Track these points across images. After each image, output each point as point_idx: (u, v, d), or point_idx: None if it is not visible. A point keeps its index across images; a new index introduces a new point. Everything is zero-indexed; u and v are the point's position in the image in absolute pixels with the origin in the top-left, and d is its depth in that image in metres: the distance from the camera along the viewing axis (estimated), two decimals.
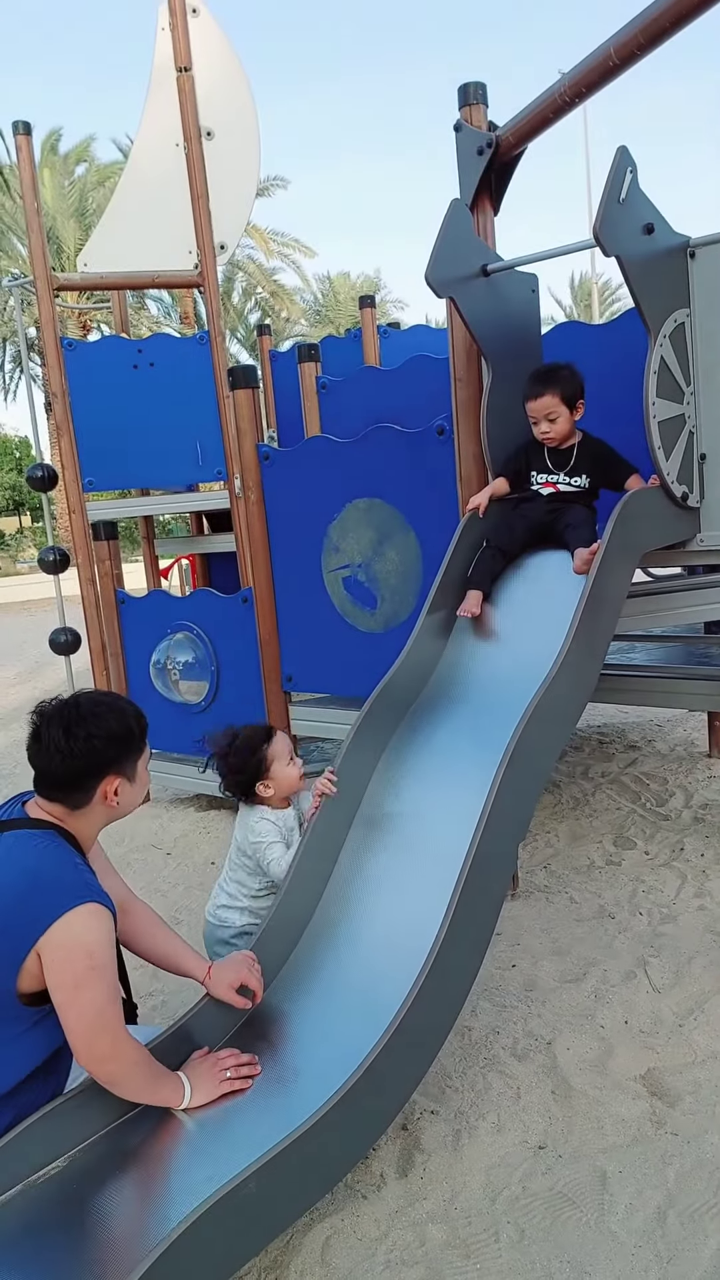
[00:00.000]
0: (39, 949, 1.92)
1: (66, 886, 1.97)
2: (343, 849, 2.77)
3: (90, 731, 2.04)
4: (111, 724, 2.07)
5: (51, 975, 1.93)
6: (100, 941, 1.96)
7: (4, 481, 41.45)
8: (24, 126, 6.52)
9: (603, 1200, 2.10)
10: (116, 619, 4.99)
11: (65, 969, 1.92)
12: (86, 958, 1.93)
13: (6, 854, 2.02)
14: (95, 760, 2.06)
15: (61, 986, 1.93)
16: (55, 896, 1.94)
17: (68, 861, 2.03)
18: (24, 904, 1.94)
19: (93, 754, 2.05)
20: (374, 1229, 2.07)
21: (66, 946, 1.92)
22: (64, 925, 1.92)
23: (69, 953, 1.92)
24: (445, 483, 3.51)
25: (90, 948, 1.94)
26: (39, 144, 24.40)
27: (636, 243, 2.84)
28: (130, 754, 2.13)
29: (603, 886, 3.59)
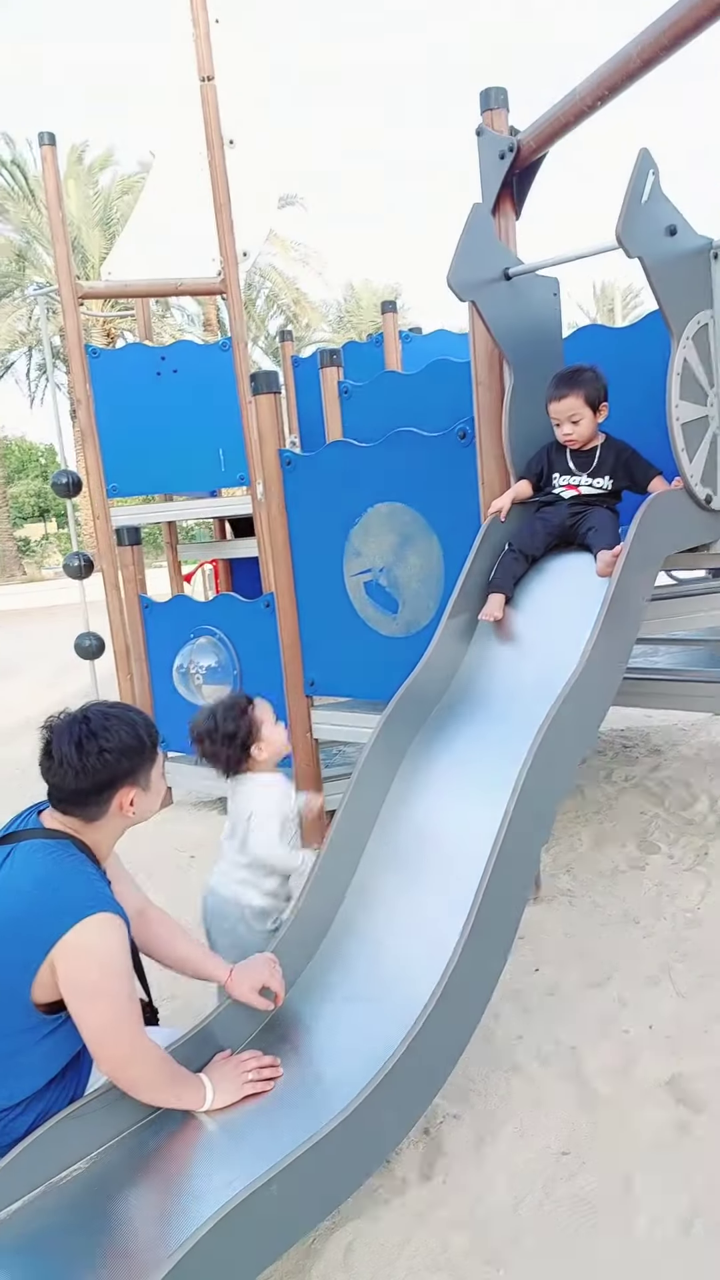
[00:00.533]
0: (52, 959, 1.93)
1: (79, 897, 1.97)
2: (364, 852, 2.77)
3: (102, 746, 2.04)
4: (123, 736, 2.07)
5: (66, 985, 1.94)
6: (113, 950, 1.96)
7: (30, 488, 41.83)
8: (49, 138, 6.59)
9: (627, 1208, 2.08)
10: (140, 623, 5.02)
11: (80, 979, 1.93)
12: (99, 967, 1.94)
13: (22, 864, 2.04)
14: (109, 774, 2.06)
15: (77, 996, 1.94)
16: (68, 907, 1.95)
17: (80, 872, 2.03)
18: (37, 915, 1.96)
19: (106, 768, 2.05)
20: (396, 1234, 2.07)
21: (80, 956, 1.93)
22: (76, 935, 1.93)
23: (82, 962, 1.93)
24: (467, 486, 3.51)
25: (103, 957, 1.95)
26: (64, 155, 24.67)
27: (659, 245, 2.83)
28: (143, 764, 2.13)
29: (626, 891, 3.56)
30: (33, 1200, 1.94)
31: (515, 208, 3.55)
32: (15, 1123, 2.02)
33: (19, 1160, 1.93)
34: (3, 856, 2.07)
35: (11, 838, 2.11)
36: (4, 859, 2.07)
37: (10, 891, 2.00)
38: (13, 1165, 1.92)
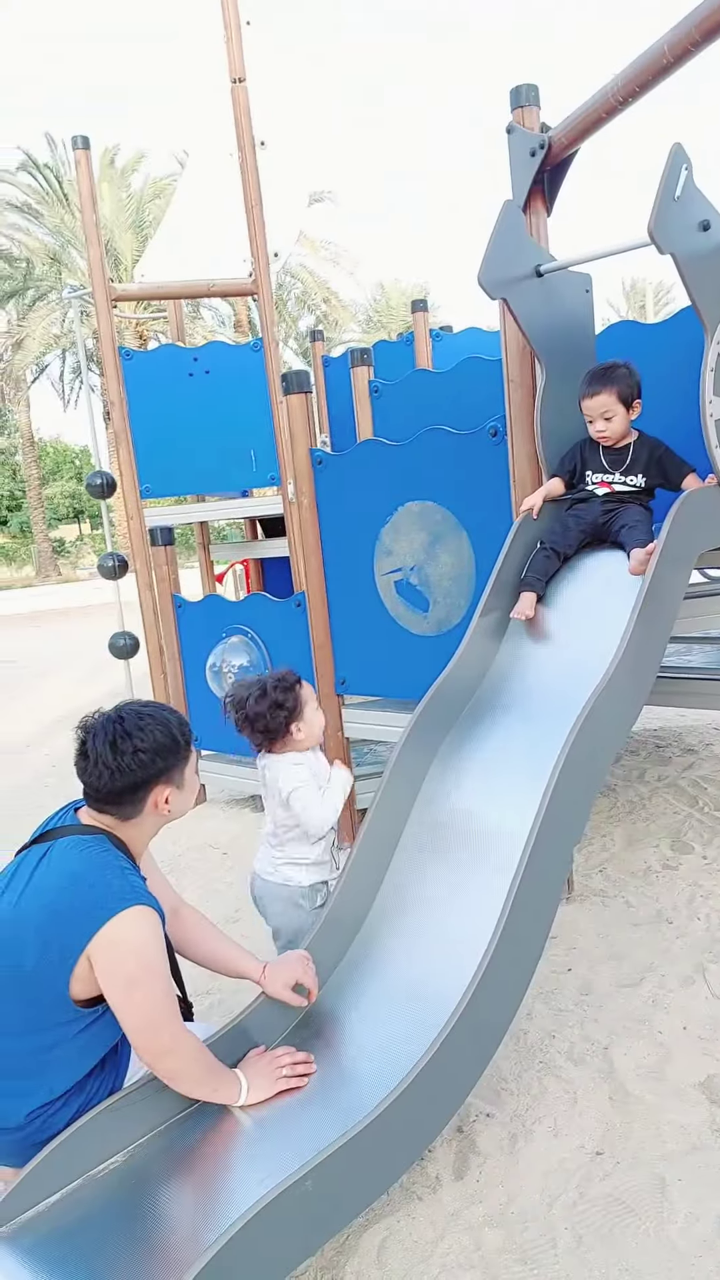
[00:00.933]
0: (89, 953, 1.96)
1: (113, 891, 2.00)
2: (396, 850, 2.77)
3: (136, 746, 2.06)
4: (157, 736, 2.09)
5: (104, 978, 1.96)
6: (148, 942, 1.99)
7: (64, 490, 42.26)
8: (83, 141, 6.66)
9: (662, 1208, 2.07)
10: (174, 623, 5.06)
11: (117, 971, 1.96)
12: (136, 958, 1.96)
13: (59, 860, 2.07)
14: (144, 774, 2.09)
15: (115, 988, 1.96)
16: (102, 901, 1.98)
17: (114, 866, 2.06)
18: (73, 910, 1.98)
19: (140, 768, 2.07)
20: (430, 1231, 2.07)
21: (116, 949, 1.96)
22: (112, 929, 1.95)
23: (119, 955, 1.96)
24: (498, 484, 3.50)
25: (139, 948, 1.97)
26: (96, 158, 24.87)
27: (692, 240, 2.81)
28: (177, 763, 2.15)
29: (660, 891, 3.54)
30: (70, 1193, 1.96)
31: (546, 205, 3.53)
32: (55, 1117, 2.05)
33: (56, 1153, 1.96)
34: (41, 854, 2.10)
35: (50, 835, 2.15)
36: (42, 856, 2.10)
37: (47, 888, 2.03)
38: (50, 1158, 1.95)
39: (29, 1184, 1.93)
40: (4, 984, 2.01)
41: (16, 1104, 2.03)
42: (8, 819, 5.43)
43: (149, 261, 7.66)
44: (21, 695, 9.90)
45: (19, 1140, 2.05)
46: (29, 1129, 2.04)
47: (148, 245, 18.39)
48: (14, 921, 2.03)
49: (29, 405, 33.27)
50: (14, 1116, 2.03)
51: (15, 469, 39.85)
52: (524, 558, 3.22)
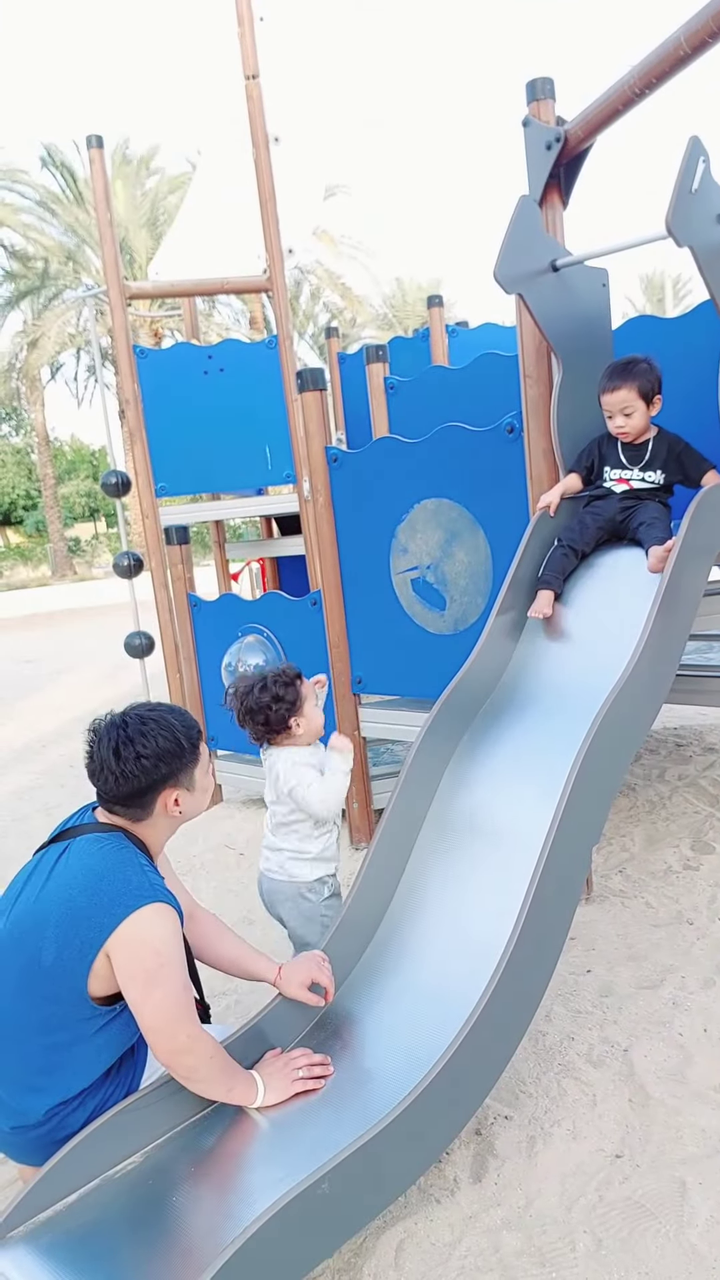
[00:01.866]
0: (107, 950, 1.96)
1: (132, 888, 2.00)
2: (413, 850, 2.76)
3: (139, 751, 2.06)
4: (159, 741, 2.08)
5: (122, 975, 1.96)
6: (167, 939, 1.99)
7: (80, 489, 42.41)
8: (97, 140, 6.66)
9: (682, 1212, 2.05)
10: (189, 622, 5.06)
11: (135, 968, 1.96)
12: (155, 955, 1.96)
13: (77, 858, 2.07)
14: (148, 778, 2.08)
15: (133, 985, 1.96)
16: (121, 898, 1.98)
17: (133, 863, 2.06)
18: (92, 905, 1.98)
19: (144, 773, 2.07)
20: (448, 1234, 2.06)
21: (134, 946, 1.96)
22: (131, 925, 1.95)
23: (137, 951, 1.96)
24: (515, 481, 3.47)
25: (157, 945, 1.97)
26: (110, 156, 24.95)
27: (710, 233, 2.78)
28: (184, 767, 2.14)
29: (680, 892, 3.51)
30: (87, 1193, 1.96)
31: (562, 198, 3.50)
32: (72, 1116, 2.06)
33: (74, 1153, 1.96)
34: (60, 851, 2.11)
35: (68, 833, 2.15)
36: (61, 853, 2.10)
37: (67, 885, 2.03)
38: (68, 1158, 1.95)
39: (47, 1183, 1.93)
40: (23, 980, 2.01)
41: (34, 1101, 2.04)
42: (25, 818, 5.45)
43: (163, 258, 7.68)
44: (38, 695, 9.94)
45: (37, 1139, 2.06)
46: (47, 1126, 2.04)
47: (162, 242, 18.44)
48: (33, 918, 2.03)
49: (44, 404, 33.38)
50: (33, 1114, 2.04)
51: (31, 468, 40.03)
52: (541, 555, 3.20)
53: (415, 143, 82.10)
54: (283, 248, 6.76)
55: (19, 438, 41.18)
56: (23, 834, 4.96)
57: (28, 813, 5.52)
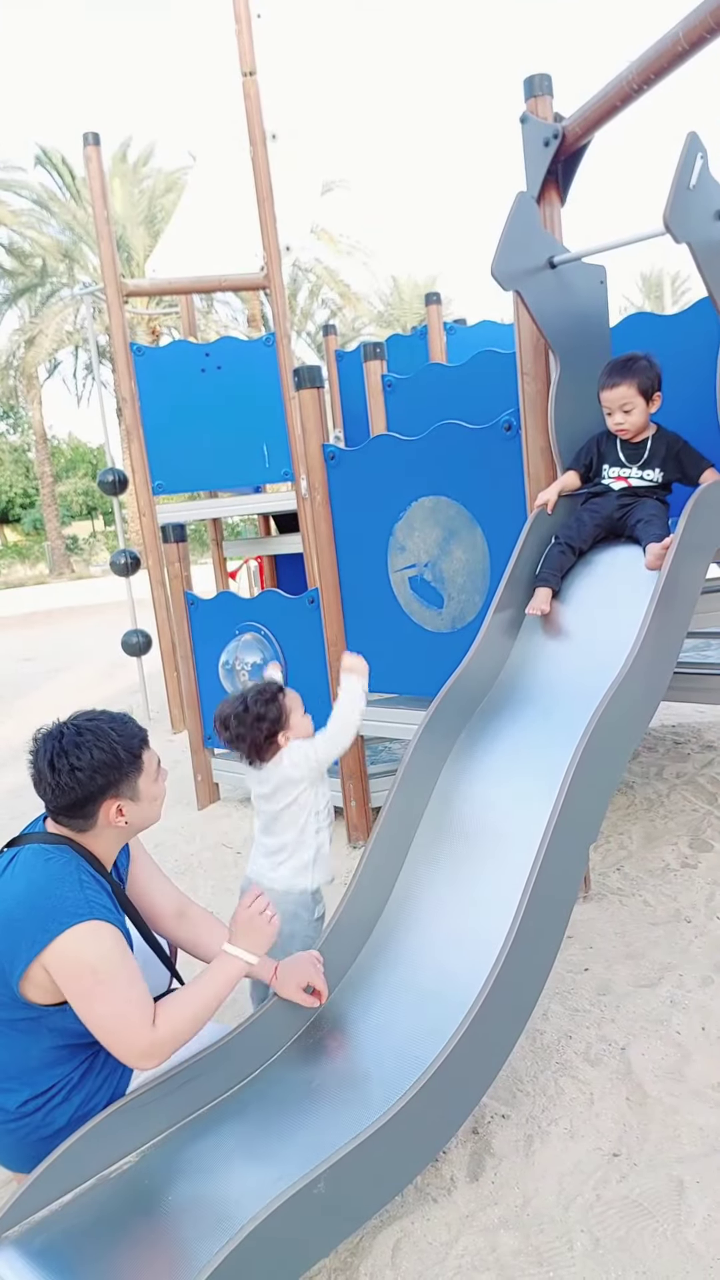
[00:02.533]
0: (43, 964, 1.96)
1: (68, 905, 1.99)
2: (410, 849, 2.75)
3: (72, 764, 2.03)
4: (93, 754, 2.05)
5: (67, 993, 1.97)
6: (102, 955, 1.97)
7: (78, 487, 42.37)
8: (93, 138, 6.65)
9: (680, 1211, 2.05)
10: (186, 620, 5.04)
11: (74, 986, 1.96)
12: (91, 973, 1.95)
13: (22, 868, 2.07)
14: (84, 790, 2.05)
15: (76, 1003, 1.97)
16: (55, 914, 1.97)
17: (72, 878, 2.04)
18: (27, 919, 1.98)
19: (79, 785, 2.04)
20: (444, 1233, 2.05)
21: (70, 964, 1.95)
22: (64, 943, 1.95)
23: (73, 970, 1.95)
24: (512, 479, 3.47)
25: (93, 964, 1.96)
26: (108, 154, 24.90)
27: (708, 229, 2.77)
28: (123, 778, 2.10)
29: (678, 890, 3.50)
30: (82, 1194, 1.96)
31: (560, 195, 3.49)
32: (55, 1112, 2.07)
33: (69, 1154, 1.95)
34: (8, 860, 2.11)
35: (19, 841, 2.16)
36: (9, 862, 2.10)
37: (6, 895, 2.04)
38: (63, 1159, 1.94)
39: (41, 1184, 1.92)
40: None
41: (3, 1099, 2.06)
42: (23, 816, 5.44)
43: (160, 256, 7.66)
44: (36, 693, 9.93)
45: (20, 1138, 2.07)
46: (26, 1123, 2.06)
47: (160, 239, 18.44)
48: None
49: (41, 402, 33.33)
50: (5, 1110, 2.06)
51: (28, 466, 39.97)
52: (539, 553, 3.19)
53: (412, 139, 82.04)
54: (280, 245, 6.75)
55: (16, 435, 41.13)
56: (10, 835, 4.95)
57: (25, 811, 5.51)
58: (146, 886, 2.35)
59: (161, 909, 2.37)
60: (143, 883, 2.35)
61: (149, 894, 2.35)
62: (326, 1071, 2.25)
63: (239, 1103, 2.19)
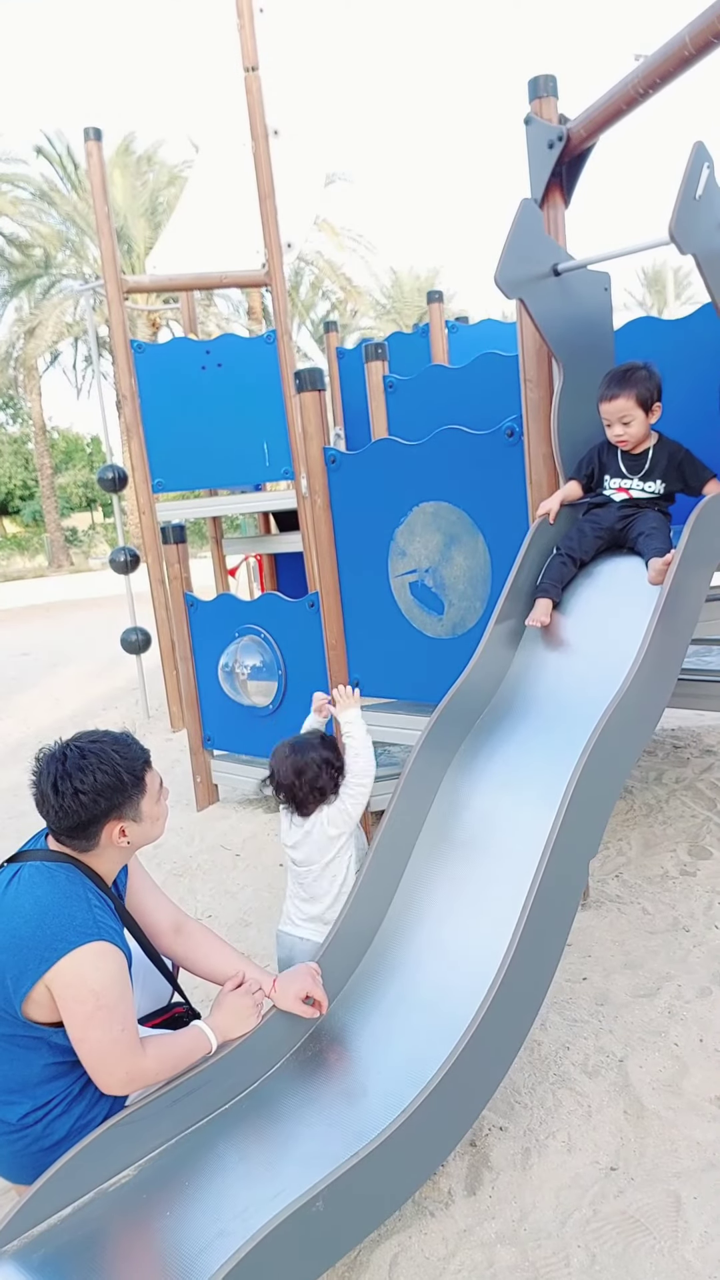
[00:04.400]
0: (47, 983, 1.96)
1: (76, 924, 1.99)
2: (410, 859, 2.75)
3: (76, 788, 2.03)
4: (97, 777, 2.05)
5: (62, 1011, 1.98)
6: (106, 981, 1.97)
7: (77, 479, 42.28)
8: (94, 133, 6.61)
9: (677, 1227, 2.05)
10: (186, 622, 5.03)
11: (75, 1009, 1.96)
12: (93, 997, 1.96)
13: (26, 886, 2.06)
14: (88, 813, 2.06)
15: (72, 1025, 1.97)
16: (64, 934, 1.97)
17: (79, 897, 2.04)
18: (34, 938, 1.98)
19: (83, 808, 2.05)
20: (442, 1248, 2.06)
21: (74, 985, 1.95)
22: (70, 963, 1.95)
23: (76, 993, 1.95)
24: (515, 486, 3.45)
25: (95, 987, 1.96)
26: (110, 146, 24.80)
27: (713, 240, 2.75)
28: (125, 800, 2.10)
29: (677, 898, 3.50)
30: (81, 1208, 1.96)
31: (564, 198, 3.47)
32: (55, 1124, 2.06)
33: (68, 1167, 1.95)
34: (10, 875, 2.10)
35: (21, 857, 2.15)
36: (11, 878, 2.10)
37: (12, 913, 2.03)
38: (63, 1173, 1.94)
39: (41, 1197, 1.92)
40: None
41: (4, 1112, 2.06)
42: (21, 815, 5.44)
43: (161, 251, 7.63)
44: (35, 688, 9.91)
45: (21, 1149, 2.06)
46: (27, 1135, 2.05)
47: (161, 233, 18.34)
48: None
49: (41, 393, 33.24)
50: (7, 1123, 2.06)
51: (28, 458, 39.87)
52: (540, 563, 3.18)
53: (415, 133, 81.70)
54: (281, 242, 6.72)
55: (16, 427, 41.01)
56: (18, 832, 4.95)
57: (24, 810, 5.50)
58: (143, 901, 2.35)
59: (159, 925, 2.37)
60: (139, 897, 2.35)
61: (145, 909, 2.35)
62: (325, 1084, 2.25)
63: (238, 1115, 2.19)
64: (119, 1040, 1.98)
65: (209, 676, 4.95)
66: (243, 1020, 2.25)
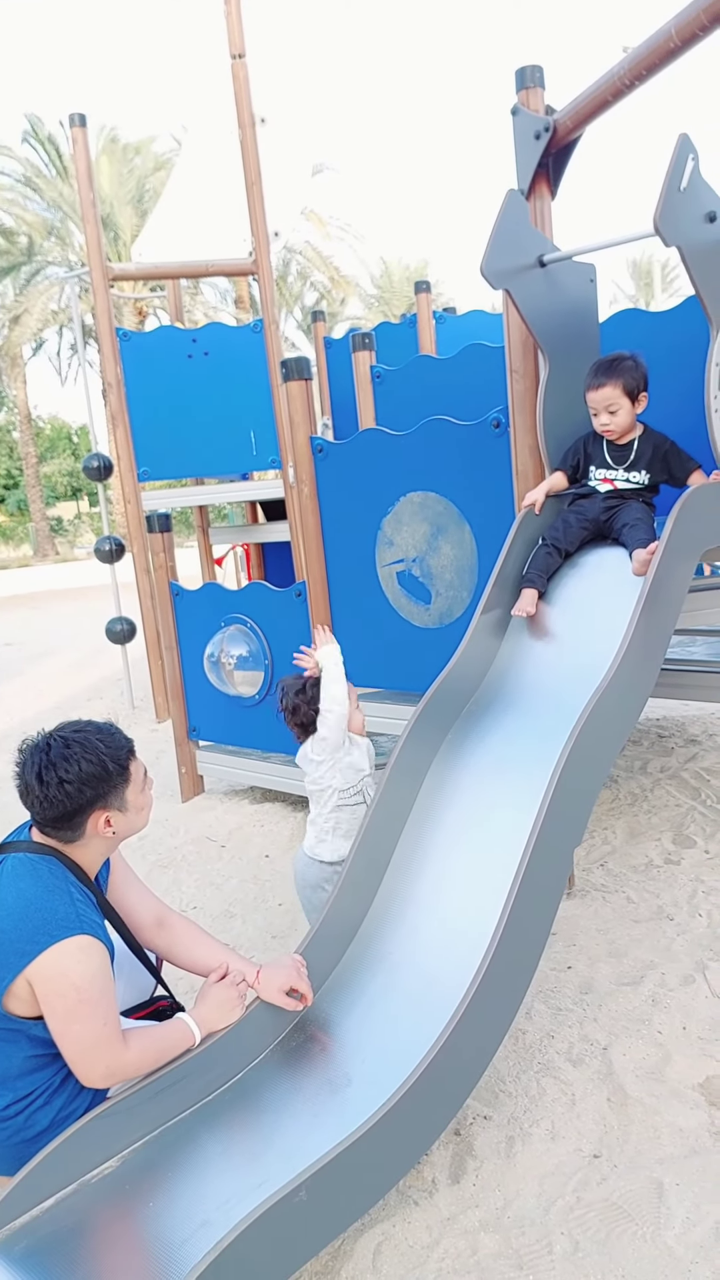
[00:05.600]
0: (28, 977, 1.96)
1: (59, 918, 1.98)
2: (396, 848, 2.75)
3: (61, 777, 2.03)
4: (82, 766, 2.04)
5: (45, 1007, 1.97)
6: (88, 975, 1.97)
7: (62, 468, 42.07)
8: (79, 118, 6.55)
9: (659, 1213, 2.06)
10: (171, 611, 5.02)
11: (56, 1003, 1.95)
12: (75, 990, 1.95)
13: (9, 878, 2.06)
14: (73, 803, 2.05)
15: (54, 1019, 1.97)
16: (46, 927, 1.97)
17: (63, 891, 2.04)
18: (16, 931, 1.97)
19: (68, 798, 2.04)
20: (425, 1236, 2.06)
21: (55, 979, 1.95)
22: (53, 957, 1.94)
23: (57, 985, 1.95)
24: (500, 477, 3.46)
25: (77, 981, 1.96)
26: (96, 133, 24.59)
27: (698, 232, 2.75)
28: (110, 790, 2.10)
29: (661, 886, 3.52)
30: (63, 1199, 1.95)
31: (551, 189, 3.47)
32: (37, 1115, 2.07)
33: (50, 1159, 1.95)
34: None
35: (4, 849, 2.14)
36: None
37: None
38: (44, 1164, 1.94)
39: (22, 1189, 1.92)
40: None
41: None
42: (4, 806, 5.42)
43: (148, 239, 7.58)
44: (19, 679, 9.87)
45: (1, 1135, 2.06)
46: (12, 1124, 2.05)
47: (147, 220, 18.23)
48: None
49: (25, 381, 33.02)
50: None
51: (12, 446, 39.62)
52: (526, 554, 3.19)
53: (402, 125, 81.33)
54: (269, 231, 6.70)
55: (1, 415, 40.74)
56: (3, 823, 4.93)
57: (7, 801, 5.48)
58: (125, 895, 2.35)
59: (141, 919, 2.36)
60: (121, 890, 2.35)
61: (128, 902, 2.35)
62: (309, 1075, 2.25)
63: (221, 1106, 2.19)
64: (101, 1034, 1.98)
65: (194, 666, 4.94)
66: (226, 1012, 2.25)
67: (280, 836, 4.49)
